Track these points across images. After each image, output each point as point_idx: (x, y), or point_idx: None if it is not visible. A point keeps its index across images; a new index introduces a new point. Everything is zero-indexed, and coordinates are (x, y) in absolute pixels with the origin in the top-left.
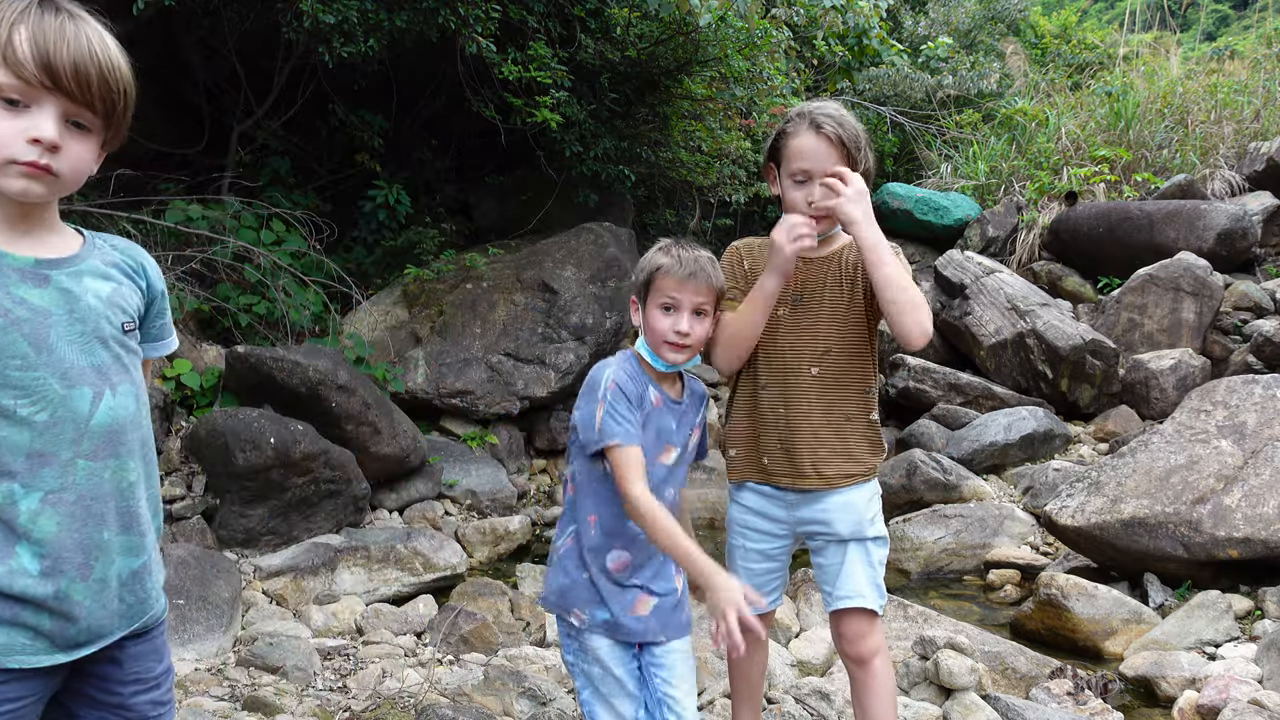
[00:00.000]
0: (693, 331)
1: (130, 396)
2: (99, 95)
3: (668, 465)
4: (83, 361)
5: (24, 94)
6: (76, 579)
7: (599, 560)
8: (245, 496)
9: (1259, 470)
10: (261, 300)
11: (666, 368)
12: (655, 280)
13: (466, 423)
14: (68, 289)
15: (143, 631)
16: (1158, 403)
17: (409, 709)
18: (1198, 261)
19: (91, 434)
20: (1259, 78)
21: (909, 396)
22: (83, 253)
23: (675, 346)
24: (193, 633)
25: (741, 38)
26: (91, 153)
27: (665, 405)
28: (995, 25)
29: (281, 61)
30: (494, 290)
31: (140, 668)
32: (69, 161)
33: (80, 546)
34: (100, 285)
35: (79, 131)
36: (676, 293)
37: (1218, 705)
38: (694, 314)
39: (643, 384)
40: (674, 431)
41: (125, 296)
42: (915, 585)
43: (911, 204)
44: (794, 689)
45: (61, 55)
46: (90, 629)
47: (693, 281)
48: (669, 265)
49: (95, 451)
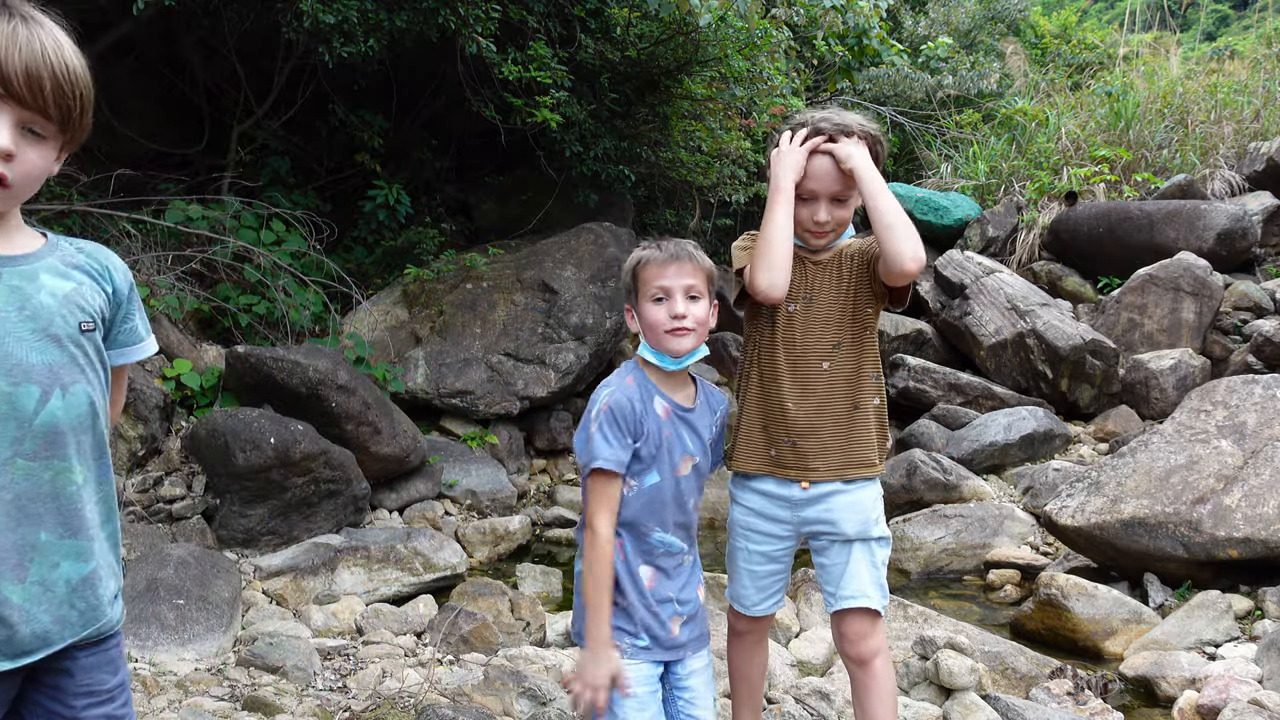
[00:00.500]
0: (690, 312)
1: (83, 398)
2: (53, 101)
3: (686, 476)
4: (32, 359)
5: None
6: (11, 580)
7: (634, 583)
8: (245, 496)
9: (1259, 470)
10: (261, 300)
11: (675, 364)
12: (640, 274)
13: (466, 423)
14: (18, 286)
15: (96, 640)
16: (1158, 403)
17: (409, 709)
18: (1198, 261)
19: (34, 433)
20: (1259, 78)
21: (909, 396)
22: (41, 252)
23: (677, 333)
24: (192, 633)
25: (741, 38)
26: (47, 159)
27: (675, 415)
28: (995, 25)
29: (281, 61)
30: (494, 290)
31: (92, 680)
32: (23, 169)
33: (15, 547)
34: (57, 284)
35: (34, 138)
36: (664, 280)
37: (1218, 705)
38: (687, 298)
39: (647, 397)
40: (689, 441)
41: (85, 296)
42: (915, 585)
43: (911, 204)
44: (794, 689)
45: (13, 62)
46: (34, 634)
47: (676, 263)
48: (650, 255)
49: (37, 452)
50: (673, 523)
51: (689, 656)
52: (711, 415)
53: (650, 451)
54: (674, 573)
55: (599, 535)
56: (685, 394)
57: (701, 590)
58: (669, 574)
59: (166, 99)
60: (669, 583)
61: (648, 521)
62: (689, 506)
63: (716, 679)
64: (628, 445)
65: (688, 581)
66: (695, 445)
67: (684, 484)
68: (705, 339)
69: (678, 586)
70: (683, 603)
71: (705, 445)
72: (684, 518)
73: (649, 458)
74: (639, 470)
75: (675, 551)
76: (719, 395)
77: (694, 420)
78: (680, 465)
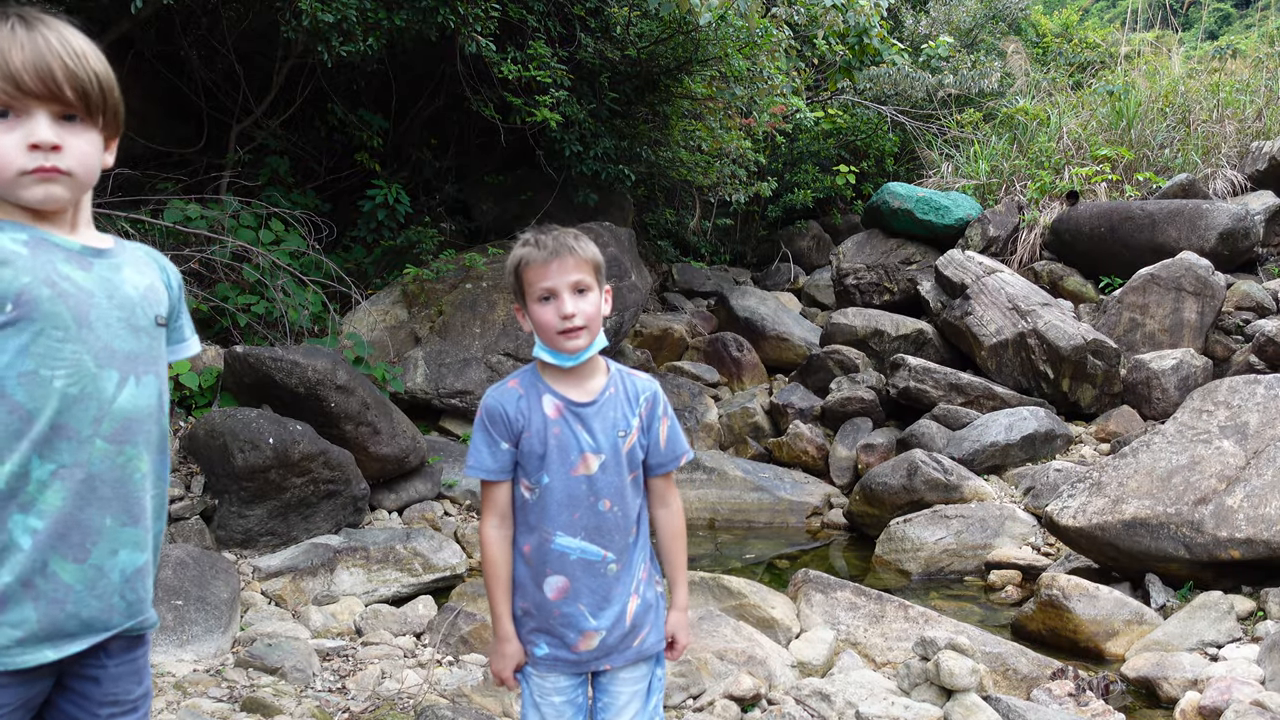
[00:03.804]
0: (579, 309)
1: (153, 389)
2: (69, 87)
3: (589, 476)
4: (115, 345)
5: (6, 106)
6: (68, 560)
7: (538, 589)
8: (244, 497)
9: (1261, 471)
10: (260, 300)
11: (573, 360)
12: (524, 275)
13: (466, 423)
14: (107, 277)
15: (130, 641)
16: (1159, 403)
17: (408, 710)
18: (1200, 261)
19: (112, 416)
20: (1261, 76)
21: (910, 396)
22: (118, 249)
23: (569, 333)
24: (191, 633)
25: (742, 37)
26: (94, 144)
27: (567, 411)
28: (996, 24)
29: (280, 60)
30: (493, 290)
31: (119, 689)
32: (75, 157)
33: (80, 526)
34: (137, 278)
35: (74, 125)
36: (548, 280)
37: (1220, 706)
38: (575, 293)
39: (534, 397)
40: (589, 437)
41: (159, 292)
42: (916, 586)
43: (912, 203)
44: (794, 689)
45: (15, 60)
46: (81, 618)
47: (558, 260)
48: (529, 255)
49: (114, 434)
50: (580, 527)
51: (616, 669)
52: (630, 405)
53: (538, 451)
54: (593, 585)
55: (482, 539)
56: (588, 388)
57: (635, 604)
58: (587, 586)
59: (165, 98)
60: (587, 595)
61: (546, 526)
62: (601, 509)
63: (717, 679)
64: (501, 451)
65: (608, 596)
66: (603, 441)
67: (589, 484)
68: (600, 330)
69: (595, 602)
70: (600, 623)
71: (618, 440)
72: (595, 521)
73: (538, 459)
74: (534, 472)
75: (593, 560)
76: (643, 381)
77: (593, 415)
78: (578, 464)
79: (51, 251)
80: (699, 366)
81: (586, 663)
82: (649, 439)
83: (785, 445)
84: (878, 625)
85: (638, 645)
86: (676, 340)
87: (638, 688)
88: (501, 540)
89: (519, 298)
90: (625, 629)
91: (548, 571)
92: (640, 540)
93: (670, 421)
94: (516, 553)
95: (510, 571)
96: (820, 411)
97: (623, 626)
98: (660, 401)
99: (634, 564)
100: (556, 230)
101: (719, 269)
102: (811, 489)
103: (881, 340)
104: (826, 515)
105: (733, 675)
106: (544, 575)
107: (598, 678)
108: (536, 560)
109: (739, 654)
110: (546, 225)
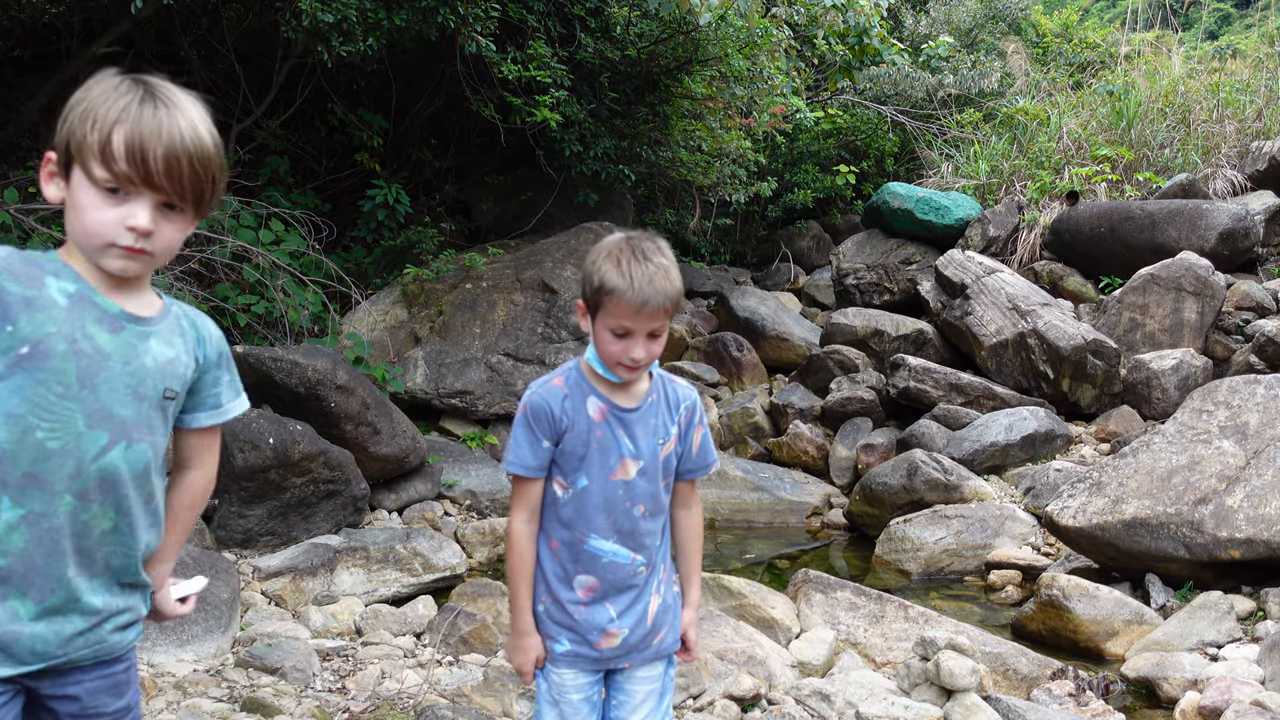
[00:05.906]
0: (649, 352)
1: (144, 455)
2: (190, 186)
3: (626, 481)
4: (115, 409)
5: (123, 188)
6: (29, 599)
7: (565, 588)
8: (244, 497)
9: (1261, 471)
10: (260, 300)
11: (620, 379)
12: (605, 303)
13: (466, 423)
14: (133, 344)
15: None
16: (1159, 403)
17: (408, 710)
18: (1200, 261)
19: (88, 476)
20: (1261, 76)
21: (909, 396)
22: (158, 318)
23: (630, 369)
24: (191, 634)
25: (742, 37)
26: (183, 231)
27: (611, 415)
28: (996, 24)
29: (280, 60)
30: (494, 290)
31: (97, 703)
32: (162, 242)
33: (40, 572)
34: (162, 349)
35: (171, 212)
36: (629, 321)
37: (1220, 707)
38: (648, 336)
39: (579, 398)
40: (630, 443)
41: (179, 366)
42: (916, 586)
43: (912, 203)
44: (794, 689)
45: (155, 155)
46: (35, 651)
47: (647, 310)
48: (620, 289)
49: (86, 493)
50: (614, 530)
51: (634, 667)
52: (670, 413)
53: (579, 453)
54: (622, 587)
55: (511, 534)
56: (633, 393)
57: (656, 604)
58: (615, 587)
59: None
60: (614, 596)
61: (580, 527)
62: (635, 514)
63: (717, 679)
64: (542, 449)
65: (637, 599)
66: (644, 447)
67: (626, 489)
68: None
69: (623, 603)
70: (625, 623)
71: (657, 447)
72: (629, 525)
73: (578, 460)
74: (571, 472)
75: (623, 562)
76: (683, 389)
77: (636, 420)
78: (617, 469)
79: (88, 310)
80: (699, 366)
81: (607, 660)
82: (684, 446)
83: (785, 445)
84: (878, 625)
85: (656, 644)
86: (676, 340)
87: (653, 687)
88: (530, 536)
89: (589, 305)
90: (647, 628)
91: (579, 570)
92: (665, 542)
93: (704, 430)
94: (544, 547)
95: (534, 567)
96: (820, 411)
97: (644, 626)
98: (698, 410)
99: (658, 565)
100: (648, 252)
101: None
102: (811, 489)
103: (881, 340)
104: (826, 515)
105: (733, 675)
106: (575, 574)
107: (613, 676)
108: (567, 559)
109: (739, 654)
110: (637, 240)
